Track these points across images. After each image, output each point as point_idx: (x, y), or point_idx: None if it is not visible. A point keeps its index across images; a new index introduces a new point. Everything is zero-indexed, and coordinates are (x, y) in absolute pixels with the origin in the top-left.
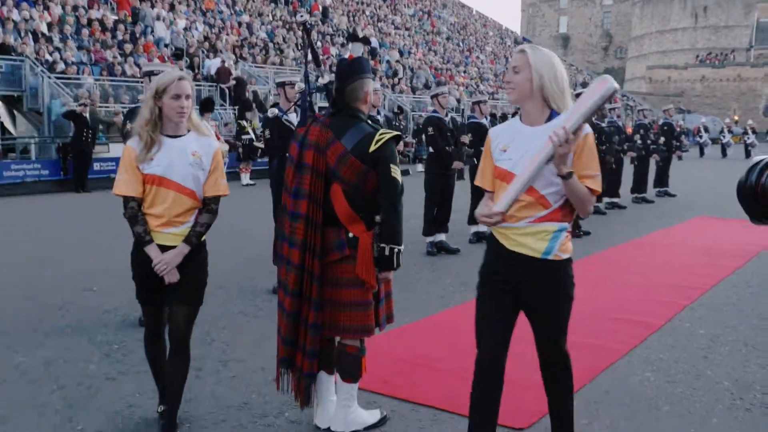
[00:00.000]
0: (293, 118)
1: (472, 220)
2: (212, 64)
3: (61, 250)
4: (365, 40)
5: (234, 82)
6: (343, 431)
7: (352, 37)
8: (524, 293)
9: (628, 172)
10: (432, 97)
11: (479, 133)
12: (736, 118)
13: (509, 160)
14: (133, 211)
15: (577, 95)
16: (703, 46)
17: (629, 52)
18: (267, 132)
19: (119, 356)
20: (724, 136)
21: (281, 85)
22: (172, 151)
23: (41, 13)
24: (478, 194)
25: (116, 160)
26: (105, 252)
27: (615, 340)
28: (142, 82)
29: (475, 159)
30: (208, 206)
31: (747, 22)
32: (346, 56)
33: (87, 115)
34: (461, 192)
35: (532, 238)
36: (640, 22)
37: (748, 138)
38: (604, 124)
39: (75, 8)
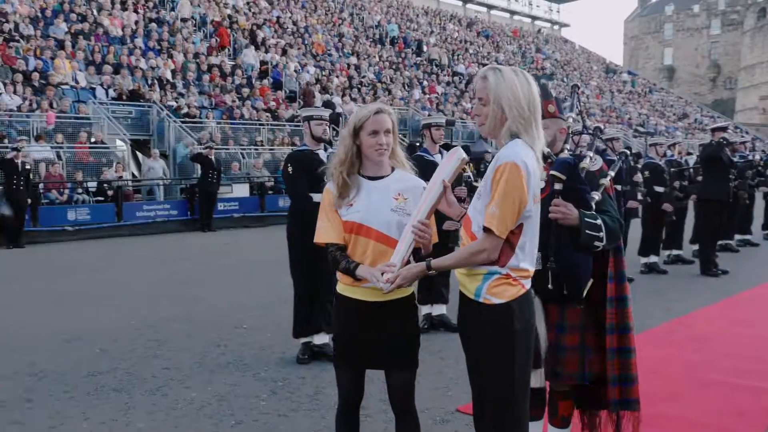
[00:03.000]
0: (438, 159)
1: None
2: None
3: (200, 287)
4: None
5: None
6: None
7: None
8: (468, 339)
9: (759, 207)
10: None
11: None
12: None
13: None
14: (332, 255)
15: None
16: None
17: (739, 83)
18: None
19: (286, 393)
20: None
21: (427, 126)
22: (371, 195)
23: (165, 61)
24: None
25: (239, 200)
26: (241, 290)
27: None
28: (263, 124)
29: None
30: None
31: None
32: None
33: (213, 157)
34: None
35: (467, 277)
36: (750, 51)
37: None
38: (737, 159)
39: (196, 55)
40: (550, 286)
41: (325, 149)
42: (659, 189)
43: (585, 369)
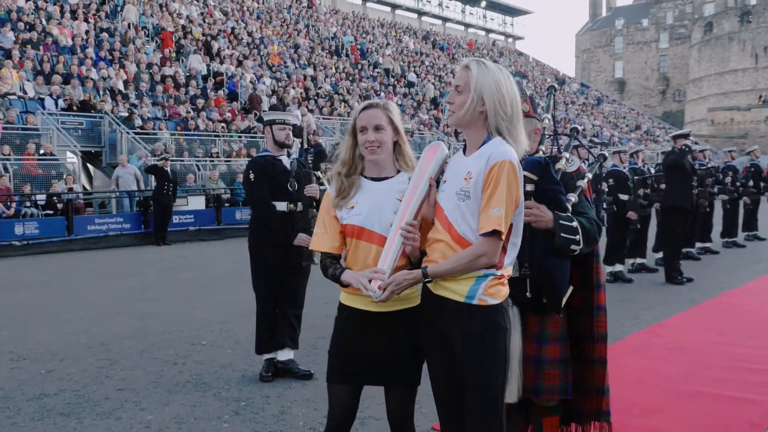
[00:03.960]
0: None
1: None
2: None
3: (157, 302)
4: None
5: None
6: None
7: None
8: (454, 344)
9: (717, 215)
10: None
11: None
12: None
13: (443, 192)
14: (323, 263)
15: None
16: (765, 87)
17: (688, 95)
18: None
19: (250, 414)
20: None
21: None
22: (373, 197)
23: (117, 72)
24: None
25: (194, 212)
26: (198, 304)
27: None
28: (225, 134)
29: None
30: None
31: None
32: None
33: (168, 168)
34: None
35: (454, 282)
36: (698, 64)
37: None
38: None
39: (149, 66)
40: (528, 294)
41: (288, 155)
42: (623, 197)
43: (567, 381)
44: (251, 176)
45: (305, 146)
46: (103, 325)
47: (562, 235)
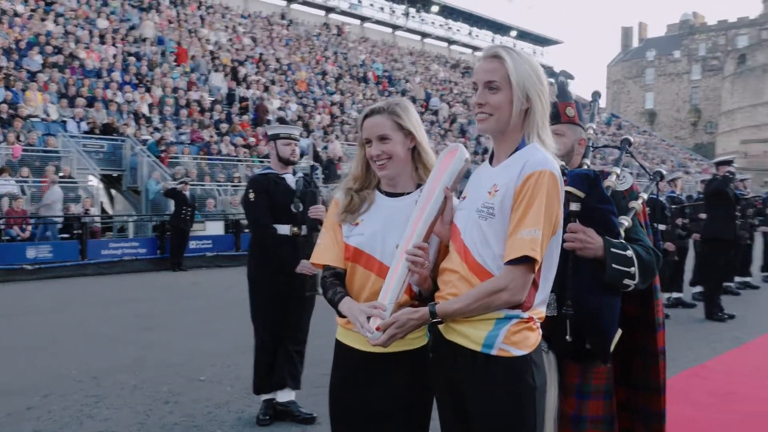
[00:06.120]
0: None
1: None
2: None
3: (162, 331)
4: None
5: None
6: None
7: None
8: (468, 400)
9: (757, 248)
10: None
11: None
12: None
13: (461, 210)
14: (323, 281)
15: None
16: None
17: (720, 127)
18: None
19: None
20: None
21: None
22: (382, 216)
23: (143, 95)
24: None
25: (212, 237)
26: (204, 334)
27: None
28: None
29: None
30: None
31: None
32: None
33: (187, 192)
34: None
35: (468, 325)
36: (730, 96)
37: None
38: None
39: (175, 90)
40: (568, 337)
41: (294, 173)
42: (661, 227)
43: None
44: (251, 195)
45: (314, 163)
46: (100, 355)
47: (614, 266)
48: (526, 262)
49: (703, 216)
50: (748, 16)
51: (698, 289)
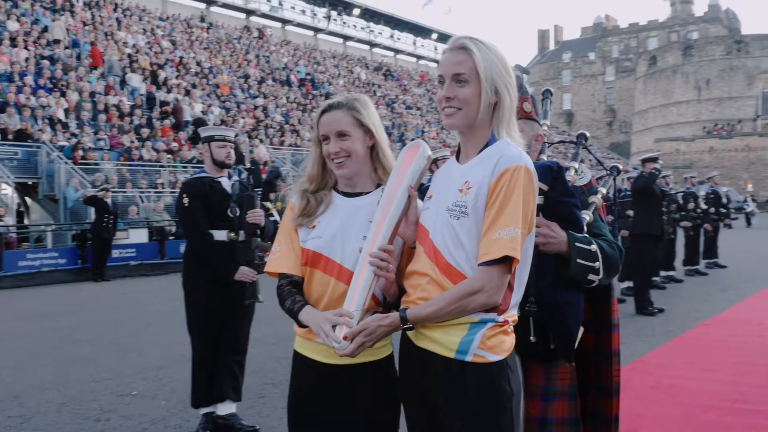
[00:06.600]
0: None
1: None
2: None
3: (87, 345)
4: None
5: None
6: None
7: None
8: (441, 411)
9: (680, 242)
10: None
11: None
12: (749, 187)
13: (428, 210)
14: (281, 290)
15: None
16: (708, 118)
17: (634, 126)
18: None
19: None
20: (748, 206)
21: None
22: (339, 217)
23: (58, 100)
24: None
25: (136, 246)
26: (132, 347)
27: None
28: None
29: None
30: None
31: (750, 92)
32: None
33: (108, 200)
34: None
35: (441, 330)
36: (643, 96)
37: (747, 206)
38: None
39: (92, 94)
40: (532, 338)
41: (229, 177)
42: None
43: None
44: (185, 201)
45: (245, 165)
46: (22, 374)
47: (579, 261)
48: (503, 262)
49: (630, 213)
50: (658, 18)
51: (627, 284)
